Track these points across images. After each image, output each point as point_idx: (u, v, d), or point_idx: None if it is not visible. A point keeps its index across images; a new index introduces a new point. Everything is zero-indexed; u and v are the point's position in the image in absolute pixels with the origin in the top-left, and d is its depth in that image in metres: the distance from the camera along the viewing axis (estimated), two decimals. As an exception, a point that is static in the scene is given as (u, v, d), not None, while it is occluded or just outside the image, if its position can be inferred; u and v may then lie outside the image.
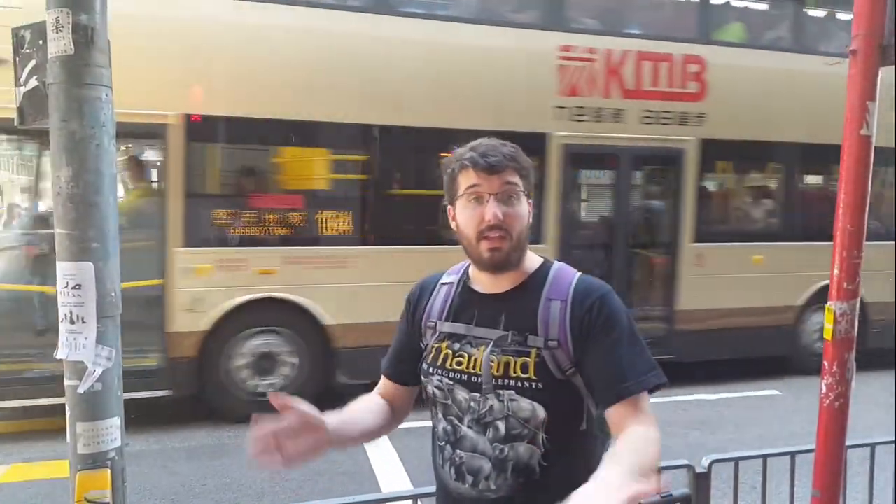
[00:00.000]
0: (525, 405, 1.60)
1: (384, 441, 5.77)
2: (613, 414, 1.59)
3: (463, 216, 1.66)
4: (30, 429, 6.14)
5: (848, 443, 2.43)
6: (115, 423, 1.89)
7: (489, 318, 1.69)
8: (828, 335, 2.33)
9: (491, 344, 1.65)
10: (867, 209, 2.31)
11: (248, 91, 6.31)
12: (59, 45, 1.77)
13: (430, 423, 1.82)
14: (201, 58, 6.23)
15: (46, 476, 5.12)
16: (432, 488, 1.96)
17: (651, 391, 1.60)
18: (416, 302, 1.86)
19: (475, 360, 1.67)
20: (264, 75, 6.38)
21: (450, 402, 1.70)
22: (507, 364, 1.62)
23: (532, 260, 1.74)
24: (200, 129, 6.28)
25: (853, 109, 2.25)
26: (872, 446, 2.89)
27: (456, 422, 1.70)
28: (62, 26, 1.75)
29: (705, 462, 2.58)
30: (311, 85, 6.56)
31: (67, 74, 1.78)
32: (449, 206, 1.73)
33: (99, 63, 1.81)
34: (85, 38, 1.77)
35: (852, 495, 2.90)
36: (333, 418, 1.65)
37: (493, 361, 1.63)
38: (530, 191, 1.69)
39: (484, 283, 1.73)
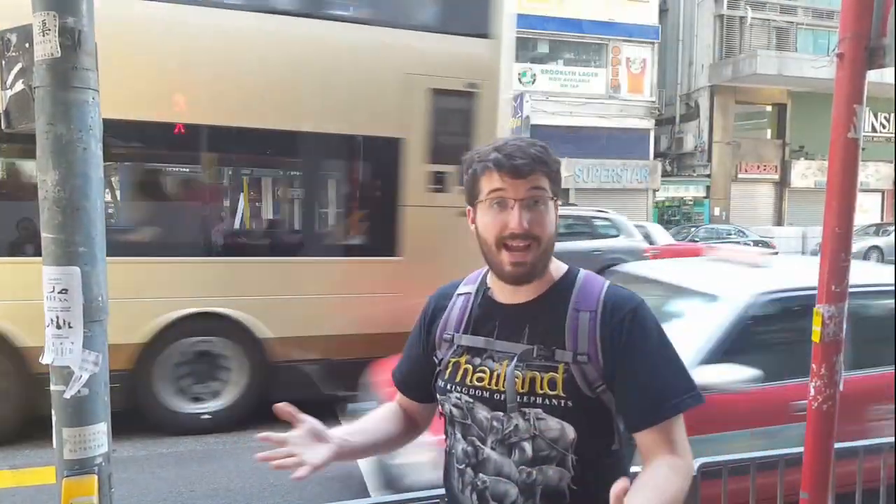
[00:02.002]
0: (553, 424, 1.49)
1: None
2: (642, 440, 1.51)
3: (483, 221, 1.54)
4: (15, 435, 6.09)
5: (836, 445, 2.43)
6: (101, 428, 1.87)
7: (512, 331, 1.57)
8: (816, 338, 2.34)
9: (515, 358, 1.54)
10: (854, 212, 2.31)
11: None
12: (45, 48, 1.75)
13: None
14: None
15: (32, 483, 5.08)
16: (421, 493, 1.96)
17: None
18: (432, 313, 1.74)
19: (498, 375, 1.55)
20: None
21: (469, 421, 1.59)
22: (532, 380, 1.51)
23: (557, 267, 1.62)
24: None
25: (840, 113, 2.25)
26: (861, 449, 2.90)
27: (477, 443, 1.58)
28: (48, 29, 1.74)
29: (695, 466, 2.58)
30: None
31: (54, 77, 1.76)
32: (468, 208, 1.61)
33: (86, 66, 1.79)
34: (72, 40, 1.75)
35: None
36: (341, 430, 1.59)
37: (517, 377, 1.52)
38: (558, 193, 1.57)
39: (505, 292, 1.61)
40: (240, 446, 5.90)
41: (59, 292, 1.79)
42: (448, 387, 1.62)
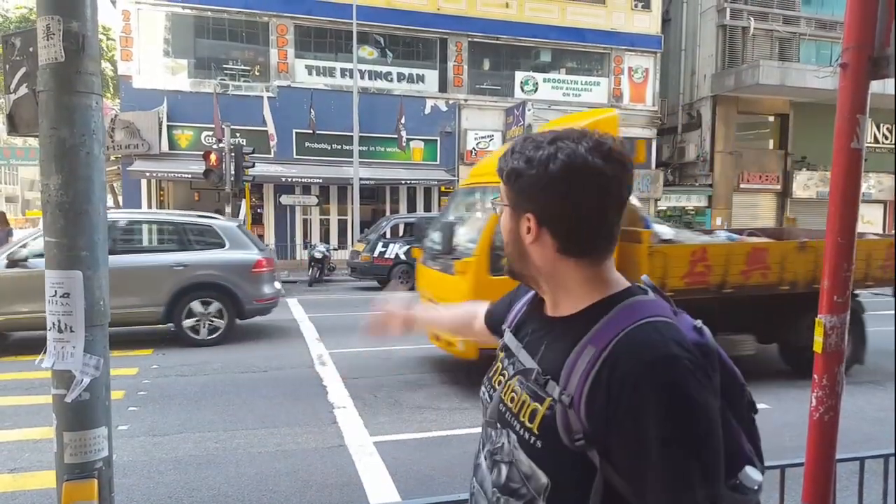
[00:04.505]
0: (523, 459, 1.32)
1: (372, 453, 5.75)
2: None
3: None
4: (16, 438, 6.09)
5: (837, 456, 2.42)
6: (102, 432, 1.87)
7: (535, 344, 1.42)
8: (818, 348, 2.33)
9: (519, 373, 1.41)
10: (856, 223, 2.31)
11: None
12: (49, 52, 1.76)
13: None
14: None
15: (33, 486, 5.07)
16: (420, 500, 1.95)
17: None
18: (515, 294, 1.68)
19: (508, 385, 1.43)
20: None
21: (483, 420, 1.50)
22: (522, 403, 1.35)
23: (610, 284, 1.37)
24: None
25: (843, 123, 2.25)
26: (862, 460, 2.89)
27: (479, 446, 1.49)
28: (53, 33, 1.74)
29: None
30: None
31: (58, 82, 1.76)
32: None
33: (90, 71, 1.80)
34: (76, 45, 1.76)
35: (842, 509, 2.89)
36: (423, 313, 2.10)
37: (515, 392, 1.38)
38: (519, 204, 1.37)
39: (548, 301, 1.46)
40: (239, 452, 5.89)
41: (60, 296, 1.79)
42: (484, 377, 1.56)
